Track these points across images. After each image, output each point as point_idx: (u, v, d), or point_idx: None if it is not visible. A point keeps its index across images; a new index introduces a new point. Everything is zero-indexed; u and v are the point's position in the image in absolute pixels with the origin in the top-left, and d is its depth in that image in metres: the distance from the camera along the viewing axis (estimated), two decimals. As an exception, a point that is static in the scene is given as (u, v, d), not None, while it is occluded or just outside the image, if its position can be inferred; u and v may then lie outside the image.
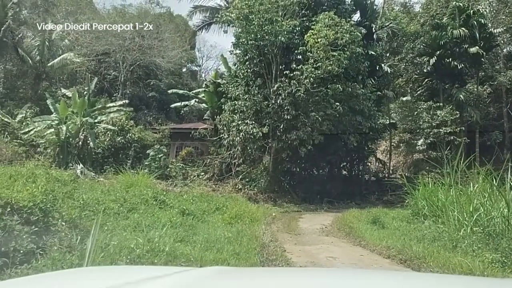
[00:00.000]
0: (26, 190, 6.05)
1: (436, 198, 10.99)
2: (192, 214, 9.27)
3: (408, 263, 7.22)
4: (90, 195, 8.38)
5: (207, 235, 7.38)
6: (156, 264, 4.92)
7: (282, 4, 18.13)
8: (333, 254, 7.83)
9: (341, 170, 23.88)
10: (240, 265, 5.89)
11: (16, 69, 28.32)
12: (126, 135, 23.76)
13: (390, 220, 12.29)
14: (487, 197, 8.66)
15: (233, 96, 19.31)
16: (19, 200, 5.65)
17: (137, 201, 9.41)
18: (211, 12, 28.70)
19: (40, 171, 8.81)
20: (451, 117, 22.39)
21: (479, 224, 8.02)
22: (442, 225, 9.04)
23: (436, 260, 6.84)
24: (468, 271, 5.99)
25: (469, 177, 12.59)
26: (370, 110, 20.20)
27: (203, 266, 5.49)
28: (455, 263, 6.43)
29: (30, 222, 5.55)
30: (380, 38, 24.52)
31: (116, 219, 7.37)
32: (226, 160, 21.22)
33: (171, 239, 6.40)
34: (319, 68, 17.36)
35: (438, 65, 23.72)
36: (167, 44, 32.20)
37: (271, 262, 6.68)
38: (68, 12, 33.39)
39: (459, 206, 9.18)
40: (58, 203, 6.21)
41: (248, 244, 7.27)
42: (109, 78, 31.79)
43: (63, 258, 4.73)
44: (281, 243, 8.51)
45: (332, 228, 12.03)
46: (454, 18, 24.14)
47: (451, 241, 7.94)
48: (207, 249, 6.39)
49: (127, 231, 6.81)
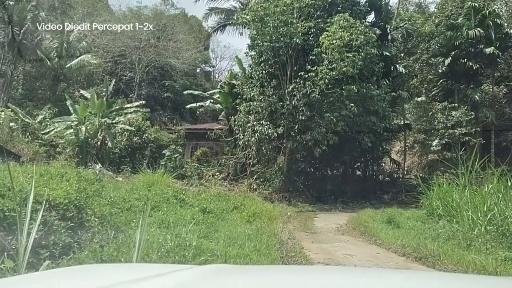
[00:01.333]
0: (61, 188, 6.49)
1: (451, 199, 11.19)
2: (212, 212, 9.66)
3: (423, 260, 7.49)
4: (116, 193, 8.80)
5: (228, 232, 7.75)
6: (186, 257, 5.29)
7: (297, 6, 18.43)
8: (350, 252, 8.14)
9: (355, 171, 24.11)
10: (262, 261, 6.24)
11: (35, 71, 29.12)
12: (142, 136, 24.36)
13: (405, 220, 12.53)
14: (501, 197, 8.87)
15: (248, 97, 19.67)
16: (55, 197, 6.08)
17: (159, 199, 9.84)
18: (226, 14, 29.16)
19: (68, 170, 9.27)
20: (466, 118, 22.43)
21: (493, 223, 8.25)
22: (456, 224, 9.28)
23: (450, 258, 7.11)
24: (482, 268, 6.25)
25: (483, 178, 12.78)
26: (385, 110, 20.42)
27: (227, 261, 5.86)
28: (468, 261, 6.69)
29: (66, 218, 5.97)
30: (394, 39, 24.64)
31: (141, 216, 7.78)
32: (241, 160, 21.60)
33: (195, 235, 6.77)
34: (334, 69, 17.63)
35: (453, 65, 23.78)
36: (182, 45, 32.77)
37: (290, 259, 7.02)
38: (85, 14, 34.13)
39: (473, 206, 9.41)
40: (90, 201, 6.63)
41: (267, 241, 7.62)
42: (125, 79, 32.45)
43: (102, 250, 5.12)
44: (299, 241, 8.85)
45: (347, 227, 12.31)
46: (469, 19, 24.14)
47: (465, 239, 8.18)
48: (230, 245, 6.75)
49: (153, 227, 7.20)
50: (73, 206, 6.22)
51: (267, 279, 1.67)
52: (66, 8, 33.45)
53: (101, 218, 6.43)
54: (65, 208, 6.10)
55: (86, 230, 6.16)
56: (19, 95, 27.86)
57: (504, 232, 7.82)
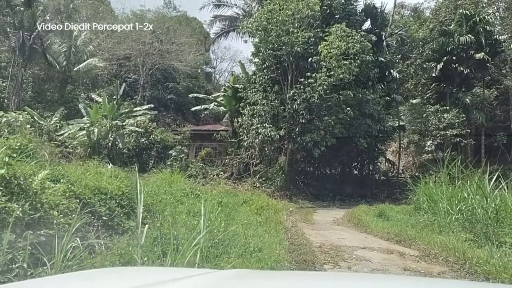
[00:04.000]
0: (112, 183, 8.45)
1: (434, 194, 13.18)
2: (227, 205, 11.58)
3: (402, 243, 9.44)
4: (148, 188, 10.74)
5: (243, 220, 9.70)
6: (217, 234, 7.23)
7: (298, 17, 20.39)
8: (343, 237, 10.10)
9: (353, 170, 26.13)
10: (272, 240, 8.19)
11: (44, 74, 31.00)
12: (149, 137, 26.34)
13: (394, 213, 14.54)
14: (469, 192, 10.82)
15: (252, 101, 21.64)
16: (112, 190, 8.04)
17: (180, 194, 11.80)
18: (230, 21, 31.17)
19: (103, 169, 11.22)
20: (457, 120, 24.43)
21: (462, 213, 10.22)
22: (434, 215, 11.26)
23: (423, 240, 9.08)
24: (445, 246, 8.21)
25: (466, 176, 14.75)
26: (380, 113, 22.43)
27: (247, 238, 7.79)
28: (436, 241, 8.65)
29: (121, 206, 7.94)
30: (389, 45, 26.63)
31: (171, 207, 9.72)
32: (244, 160, 23.59)
33: (219, 221, 8.73)
34: (332, 76, 19.63)
35: (446, 70, 25.82)
36: (184, 48, 34.72)
37: (294, 240, 8.98)
38: (89, 18, 35.99)
39: (448, 199, 11.39)
40: (134, 193, 8.58)
41: (275, 226, 9.60)
42: (129, 81, 34.37)
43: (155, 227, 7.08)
44: (301, 228, 10.83)
45: (343, 220, 14.31)
46: (461, 25, 26.17)
47: (439, 226, 10.17)
48: (246, 228, 8.71)
49: (182, 216, 9.16)
50: (125, 197, 8.20)
51: (286, 284, 1.78)
52: (71, 12, 35.29)
53: (146, 207, 8.37)
54: (120, 198, 8.09)
55: (135, 216, 8.12)
56: (28, 98, 29.73)
57: (469, 219, 9.80)
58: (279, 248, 7.47)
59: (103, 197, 7.57)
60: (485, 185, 10.50)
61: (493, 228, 9.00)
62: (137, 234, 5.09)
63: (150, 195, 9.55)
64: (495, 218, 9.31)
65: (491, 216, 9.35)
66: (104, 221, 7.10)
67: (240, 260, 6.28)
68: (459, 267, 7.17)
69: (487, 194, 10.23)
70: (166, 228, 6.48)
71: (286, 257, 7.02)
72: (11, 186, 5.11)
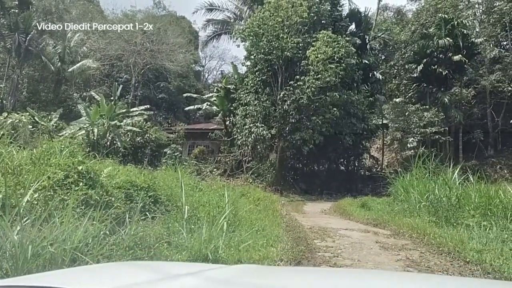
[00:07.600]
0: (139, 178, 10.58)
1: (408, 186, 15.56)
2: (228, 197, 13.74)
3: (378, 226, 11.76)
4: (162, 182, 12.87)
5: (245, 208, 11.90)
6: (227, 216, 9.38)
7: (288, 24, 22.59)
8: (329, 222, 12.39)
9: (339, 166, 28.55)
10: (272, 223, 10.40)
11: (38, 74, 32.68)
12: (144, 136, 28.31)
13: (375, 204, 16.91)
14: (436, 183, 13.20)
15: (245, 102, 23.81)
16: (140, 183, 10.16)
17: (188, 188, 13.94)
18: (221, 24, 33.27)
19: (119, 167, 13.30)
20: (437, 118, 26.93)
21: (428, 201, 12.57)
22: (407, 203, 13.62)
23: (395, 222, 11.40)
24: (410, 225, 10.52)
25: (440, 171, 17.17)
26: (364, 113, 24.83)
27: (252, 221, 9.98)
28: (405, 223, 10.97)
29: (148, 196, 10.06)
30: (373, 48, 29.03)
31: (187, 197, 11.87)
32: (237, 158, 25.78)
33: (226, 209, 10.89)
34: (319, 79, 21.90)
35: (425, 71, 28.30)
36: (175, 48, 36.67)
37: (289, 223, 11.21)
38: (79, 18, 37.65)
39: (420, 191, 13.77)
40: (157, 186, 10.71)
41: (273, 213, 11.85)
42: (121, 81, 36.20)
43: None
44: (294, 216, 13.10)
45: (330, 210, 16.65)
46: (440, 28, 28.64)
47: (409, 212, 12.52)
48: (249, 214, 10.91)
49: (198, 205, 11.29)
50: (151, 189, 10.33)
51: (293, 280, 1.85)
52: (62, 12, 36.92)
53: (167, 197, 10.51)
54: (147, 189, 10.21)
55: (159, 204, 10.25)
56: (24, 98, 31.41)
57: (435, 206, 12.16)
58: (278, 229, 9.68)
59: (135, 189, 9.69)
60: (451, 178, 12.88)
61: (453, 213, 11.37)
62: (183, 211, 7.21)
63: (164, 188, 11.68)
64: (457, 205, 11.68)
65: (454, 203, 11.72)
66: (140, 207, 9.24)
67: (249, 235, 8.46)
68: (419, 241, 9.46)
69: (451, 185, 12.63)
70: (193, 211, 8.67)
71: (284, 235, 9.24)
72: (86, 179, 7.20)
